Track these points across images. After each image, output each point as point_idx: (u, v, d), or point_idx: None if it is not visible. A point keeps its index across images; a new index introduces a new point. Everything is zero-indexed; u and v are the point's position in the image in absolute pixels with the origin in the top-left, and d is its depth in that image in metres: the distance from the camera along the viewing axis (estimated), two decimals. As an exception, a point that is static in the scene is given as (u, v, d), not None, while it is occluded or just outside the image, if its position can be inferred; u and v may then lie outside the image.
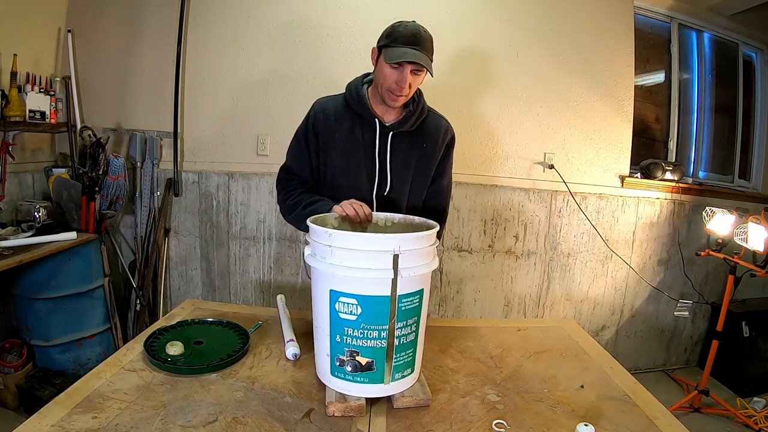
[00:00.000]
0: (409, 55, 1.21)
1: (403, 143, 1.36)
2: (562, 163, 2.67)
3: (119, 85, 2.53)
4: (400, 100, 1.28)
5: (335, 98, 1.40)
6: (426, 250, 0.93)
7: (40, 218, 2.12)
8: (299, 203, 1.34)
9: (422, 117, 1.37)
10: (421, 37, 1.24)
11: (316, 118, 1.37)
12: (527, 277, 2.78)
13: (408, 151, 1.36)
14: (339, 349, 0.92)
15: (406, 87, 1.24)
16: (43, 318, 2.14)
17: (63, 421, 0.83)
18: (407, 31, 1.24)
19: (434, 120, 1.41)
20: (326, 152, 1.37)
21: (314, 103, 1.42)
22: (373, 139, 1.34)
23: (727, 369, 2.78)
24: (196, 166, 2.61)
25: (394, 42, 1.23)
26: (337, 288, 0.90)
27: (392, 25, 1.28)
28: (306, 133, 1.39)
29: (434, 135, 1.39)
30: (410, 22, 1.28)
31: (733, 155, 3.24)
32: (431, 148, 1.39)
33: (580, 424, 0.82)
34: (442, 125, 1.41)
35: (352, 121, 1.35)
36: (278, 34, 2.51)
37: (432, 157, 1.40)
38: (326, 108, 1.38)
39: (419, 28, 1.26)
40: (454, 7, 2.54)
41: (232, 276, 2.69)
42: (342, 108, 1.37)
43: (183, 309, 1.37)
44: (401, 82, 1.24)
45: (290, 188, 1.41)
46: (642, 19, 2.85)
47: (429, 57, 1.25)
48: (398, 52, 1.22)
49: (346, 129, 1.35)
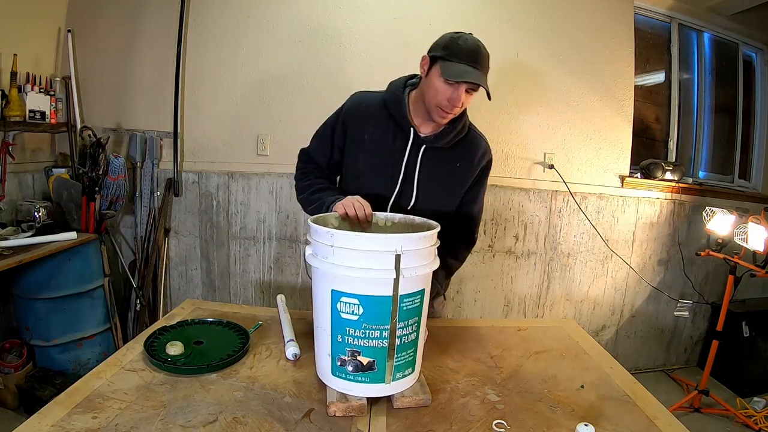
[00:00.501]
0: (471, 75, 1.14)
1: (435, 158, 1.28)
2: (562, 163, 2.67)
3: (119, 85, 2.53)
4: (448, 118, 1.21)
5: (374, 96, 1.33)
6: (427, 250, 0.93)
7: (40, 218, 2.12)
8: (311, 186, 1.33)
9: (461, 135, 1.28)
10: (482, 55, 1.17)
11: (348, 113, 1.31)
12: (527, 277, 2.78)
13: (439, 167, 1.28)
14: (340, 349, 0.92)
15: (459, 106, 1.18)
16: (43, 318, 2.14)
17: (63, 421, 0.83)
18: (467, 46, 1.16)
19: (473, 139, 1.32)
20: (352, 151, 1.31)
21: (352, 95, 1.35)
22: (404, 148, 1.27)
23: (727, 369, 2.78)
24: (196, 166, 2.61)
25: (453, 56, 1.15)
26: (339, 288, 0.90)
27: (451, 37, 1.19)
28: (334, 126, 1.33)
29: (470, 155, 1.31)
30: (469, 36, 1.19)
31: (733, 155, 3.24)
32: (465, 169, 1.31)
33: (580, 424, 0.82)
34: (481, 146, 1.33)
35: (386, 123, 1.28)
36: (278, 34, 2.51)
37: (464, 178, 1.32)
38: (361, 104, 1.31)
39: (479, 45, 1.18)
40: (454, 7, 2.54)
41: (232, 276, 2.69)
42: (378, 108, 1.30)
43: (183, 309, 1.37)
44: (455, 101, 1.16)
45: (307, 170, 1.40)
46: (642, 19, 2.85)
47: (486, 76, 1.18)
48: (458, 70, 1.13)
49: (378, 131, 1.28)
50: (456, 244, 1.37)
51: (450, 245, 1.34)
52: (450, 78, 1.13)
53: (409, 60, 2.55)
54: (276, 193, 2.60)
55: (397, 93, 1.28)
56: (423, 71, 1.23)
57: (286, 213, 2.62)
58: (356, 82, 2.54)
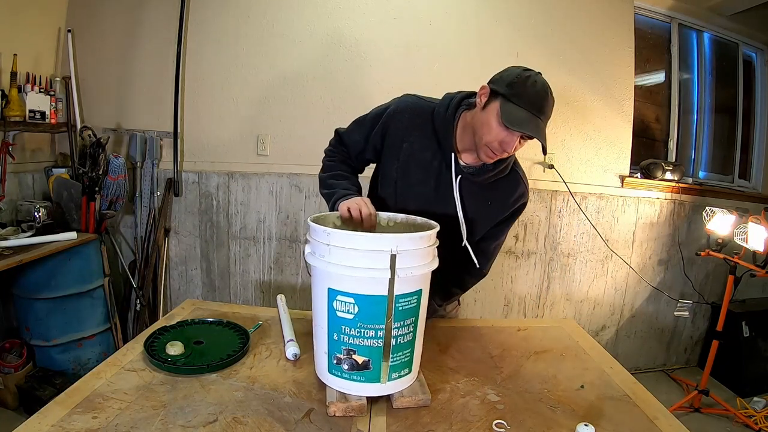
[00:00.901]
0: (530, 125, 1.04)
1: (468, 190, 1.21)
2: (562, 163, 2.66)
3: (119, 85, 2.53)
4: (494, 159, 1.13)
5: (423, 105, 1.24)
6: (425, 250, 0.93)
7: (40, 218, 2.12)
8: (332, 169, 1.30)
9: (501, 176, 1.21)
10: (547, 103, 1.07)
11: (391, 117, 1.23)
12: (527, 277, 2.78)
13: (470, 201, 1.22)
14: (336, 347, 0.92)
15: (510, 152, 1.11)
16: (43, 318, 2.14)
17: (63, 421, 0.83)
18: (534, 90, 1.05)
19: (513, 180, 1.24)
20: (387, 157, 1.25)
21: (401, 97, 1.27)
22: (440, 171, 1.20)
23: (727, 369, 2.78)
24: (196, 166, 2.61)
25: (516, 97, 1.05)
26: (335, 286, 0.90)
27: (519, 74, 1.07)
28: (374, 124, 1.26)
29: (504, 197, 1.24)
30: (538, 76, 1.08)
31: (733, 155, 3.24)
32: (495, 210, 1.25)
33: (580, 424, 0.82)
34: (518, 191, 1.25)
35: (428, 139, 1.20)
36: (278, 34, 2.51)
37: (490, 218, 1.27)
38: (406, 112, 1.23)
39: (547, 90, 1.07)
40: (454, 7, 2.54)
41: (232, 276, 2.69)
42: (424, 119, 1.21)
43: (183, 309, 1.37)
44: (506, 146, 1.08)
45: (335, 152, 1.35)
46: (642, 19, 2.85)
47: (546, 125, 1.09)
48: (519, 117, 1.04)
49: (417, 144, 1.21)
50: (464, 276, 1.35)
51: (458, 274, 1.32)
52: (509, 125, 1.04)
53: (409, 60, 2.58)
54: (276, 193, 2.61)
55: (448, 110, 1.19)
56: (480, 102, 1.12)
57: (286, 213, 2.62)
58: (356, 82, 2.54)
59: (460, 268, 1.30)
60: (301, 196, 2.61)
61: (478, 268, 1.30)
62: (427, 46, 2.53)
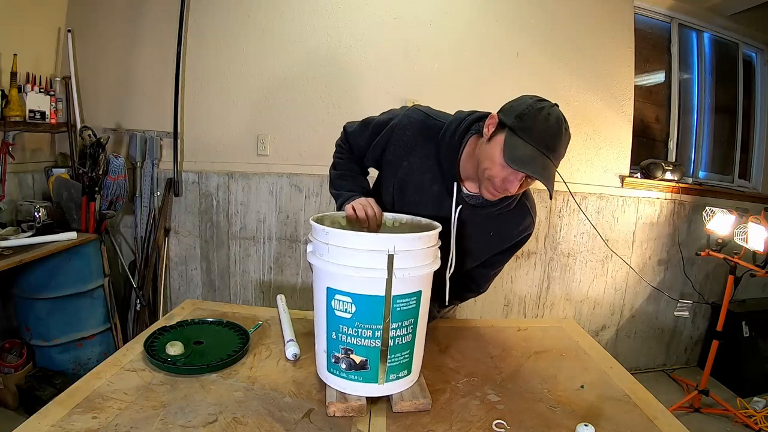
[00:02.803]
0: (536, 165, 0.94)
1: (470, 219, 1.13)
2: (562, 163, 2.62)
3: (119, 85, 2.53)
4: (497, 197, 1.03)
5: (430, 123, 1.14)
6: (424, 251, 0.92)
7: (40, 218, 2.12)
8: (342, 167, 1.29)
9: (508, 209, 1.13)
10: (560, 141, 0.97)
11: (394, 132, 1.15)
12: (527, 277, 2.78)
13: (471, 230, 1.14)
14: (334, 346, 0.92)
15: (512, 191, 1.01)
16: (43, 318, 2.14)
17: (63, 421, 0.83)
18: (546, 125, 0.95)
19: (520, 214, 1.17)
20: (386, 172, 1.20)
21: (409, 111, 1.17)
22: (441, 197, 1.13)
23: (727, 369, 2.78)
24: (196, 166, 2.61)
25: (525, 132, 0.95)
26: (333, 285, 0.90)
27: (530, 104, 0.98)
28: (375, 136, 1.19)
29: (509, 229, 1.17)
30: (552, 108, 0.98)
31: (733, 155, 3.24)
32: (497, 241, 1.19)
33: (580, 424, 0.82)
34: (524, 222, 1.18)
35: (428, 162, 1.13)
36: (278, 34, 2.51)
37: (491, 248, 1.21)
38: (410, 128, 1.14)
39: (561, 125, 0.97)
40: (454, 7, 2.54)
41: (232, 276, 2.69)
42: (426, 140, 1.13)
43: (183, 309, 1.37)
44: (509, 185, 0.99)
45: (343, 149, 1.31)
46: (642, 19, 2.85)
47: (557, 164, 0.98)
48: (524, 155, 0.94)
49: (416, 165, 1.14)
50: (462, 292, 1.35)
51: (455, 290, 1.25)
52: (511, 162, 0.94)
53: (409, 60, 2.58)
54: (276, 193, 2.61)
55: (456, 135, 1.09)
56: (487, 132, 1.02)
57: (286, 213, 2.62)
58: (356, 82, 2.54)
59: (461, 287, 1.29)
60: (301, 196, 2.61)
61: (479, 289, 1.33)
62: (427, 46, 2.53)
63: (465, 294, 1.37)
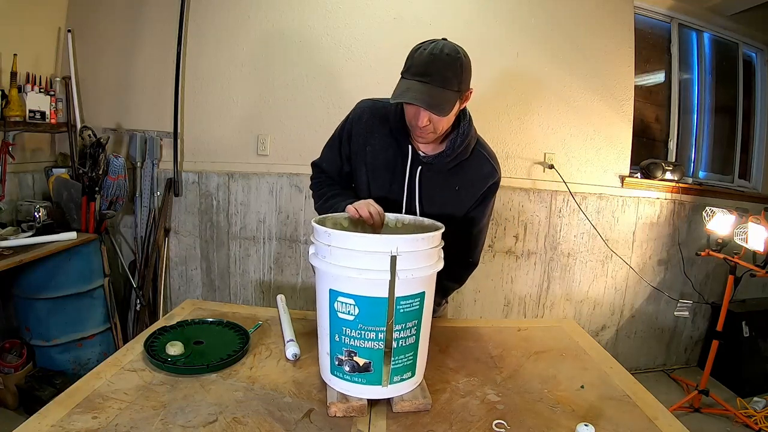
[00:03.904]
0: (410, 93, 1.01)
1: (433, 180, 1.21)
2: (562, 163, 2.67)
3: (119, 85, 2.53)
4: (428, 138, 1.12)
5: (379, 107, 1.24)
6: (427, 252, 0.92)
7: (40, 218, 2.12)
8: (324, 195, 1.31)
9: (463, 157, 1.20)
10: (435, 65, 1.00)
11: (352, 124, 1.26)
12: (527, 277, 2.78)
13: (437, 190, 1.21)
14: (338, 349, 0.92)
15: (421, 126, 1.07)
16: (43, 318, 2.14)
17: (63, 421, 0.83)
18: (421, 59, 1.02)
19: (478, 162, 1.22)
20: (356, 163, 1.27)
21: (358, 104, 1.28)
22: (404, 165, 1.21)
23: (727, 369, 2.78)
24: (196, 166, 2.61)
25: (406, 71, 1.05)
26: (336, 287, 0.89)
27: (414, 47, 1.07)
28: (341, 137, 1.29)
29: (471, 181, 1.22)
30: (431, 44, 1.04)
31: (733, 155, 3.24)
32: (464, 195, 1.23)
33: (580, 424, 0.82)
34: (485, 169, 1.23)
35: (387, 139, 1.21)
36: (279, 33, 2.51)
37: (462, 203, 1.25)
38: (364, 115, 1.25)
39: (436, 54, 1.01)
40: (454, 7, 2.54)
41: (232, 276, 2.69)
42: (381, 121, 1.23)
43: (183, 309, 1.37)
44: (414, 120, 1.08)
45: (320, 180, 1.38)
46: (642, 19, 2.85)
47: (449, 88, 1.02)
48: (402, 89, 1.02)
49: (378, 146, 1.22)
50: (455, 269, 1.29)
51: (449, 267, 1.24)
52: (391, 99, 1.03)
53: (409, 60, 2.57)
54: (276, 193, 2.61)
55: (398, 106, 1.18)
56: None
57: (286, 213, 2.62)
58: (356, 82, 2.54)
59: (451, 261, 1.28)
60: (301, 196, 2.61)
61: (467, 258, 1.32)
62: (427, 46, 2.53)
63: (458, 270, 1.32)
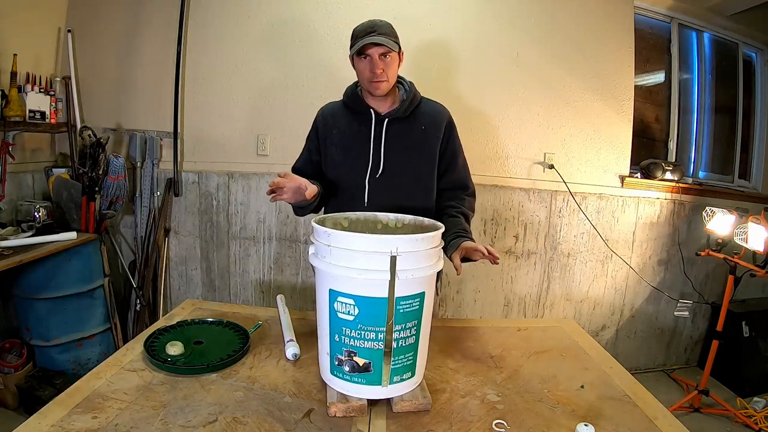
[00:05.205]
0: (366, 39, 1.32)
1: (399, 129, 1.41)
2: (562, 163, 2.66)
3: (119, 85, 2.53)
4: (382, 86, 1.35)
5: (336, 102, 1.51)
6: (427, 252, 0.91)
7: (40, 218, 2.13)
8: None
9: (415, 104, 1.44)
10: (377, 25, 1.35)
11: (317, 122, 1.50)
12: (527, 277, 2.78)
13: (405, 135, 1.41)
14: (338, 349, 0.92)
15: (378, 70, 1.33)
16: (43, 318, 2.14)
17: (63, 421, 0.83)
18: (363, 25, 1.36)
19: (430, 106, 1.48)
20: (326, 148, 1.46)
21: (319, 110, 1.53)
22: (369, 128, 1.41)
23: (727, 369, 2.78)
24: (196, 166, 2.61)
25: (355, 39, 1.36)
26: (336, 288, 0.89)
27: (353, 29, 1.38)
28: (310, 136, 1.52)
29: (432, 118, 1.45)
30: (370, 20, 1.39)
31: (733, 155, 3.23)
32: (432, 130, 1.44)
33: (580, 424, 0.82)
34: (437, 109, 1.48)
35: (350, 117, 1.45)
36: (279, 33, 2.51)
37: (434, 138, 1.44)
38: (326, 111, 1.50)
39: (375, 20, 1.38)
40: (454, 7, 2.54)
41: (232, 276, 2.69)
42: (341, 109, 1.48)
43: (183, 309, 1.38)
44: (373, 67, 1.33)
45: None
46: (642, 19, 2.85)
47: (391, 39, 1.34)
48: (357, 44, 1.34)
49: (344, 125, 1.45)
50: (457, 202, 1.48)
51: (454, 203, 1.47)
52: (355, 53, 1.35)
53: (409, 60, 2.56)
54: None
55: (351, 90, 1.47)
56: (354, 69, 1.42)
57: (286, 213, 2.62)
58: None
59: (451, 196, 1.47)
60: (301, 196, 2.60)
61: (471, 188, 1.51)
62: (427, 46, 2.53)
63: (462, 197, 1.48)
